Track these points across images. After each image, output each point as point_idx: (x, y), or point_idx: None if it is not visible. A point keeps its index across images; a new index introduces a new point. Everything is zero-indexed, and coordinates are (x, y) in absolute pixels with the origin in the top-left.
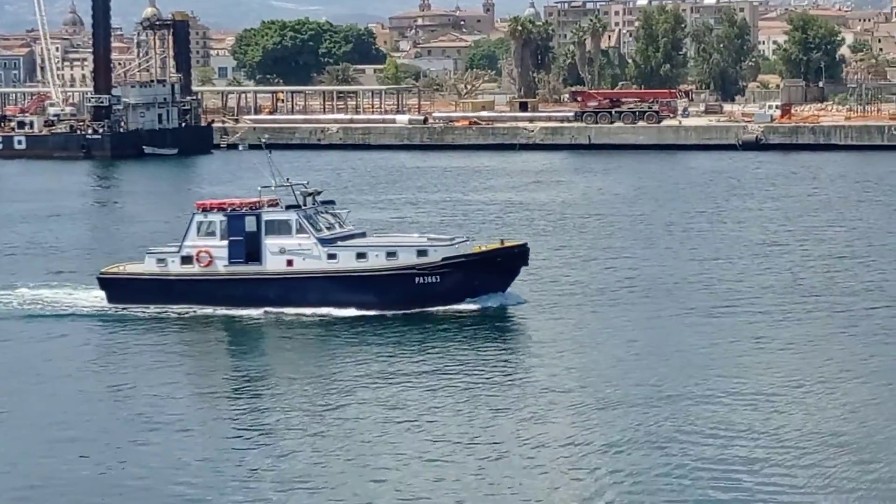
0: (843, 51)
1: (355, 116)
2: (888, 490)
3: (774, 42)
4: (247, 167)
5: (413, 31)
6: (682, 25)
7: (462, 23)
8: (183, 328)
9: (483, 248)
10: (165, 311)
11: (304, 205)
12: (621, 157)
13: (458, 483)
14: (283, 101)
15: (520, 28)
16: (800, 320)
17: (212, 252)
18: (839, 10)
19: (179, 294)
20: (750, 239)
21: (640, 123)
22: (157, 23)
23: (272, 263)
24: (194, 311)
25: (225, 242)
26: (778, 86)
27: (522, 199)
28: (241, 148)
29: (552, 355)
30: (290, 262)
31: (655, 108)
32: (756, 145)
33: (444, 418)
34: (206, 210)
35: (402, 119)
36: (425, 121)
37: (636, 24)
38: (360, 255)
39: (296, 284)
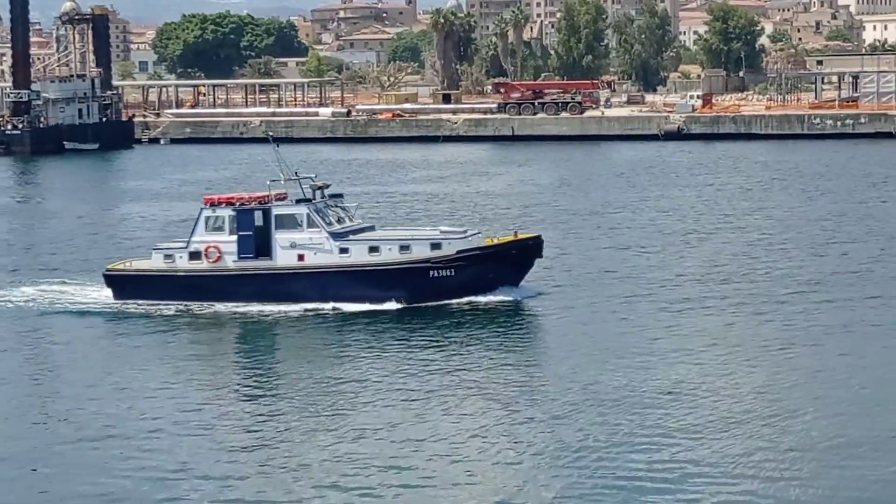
0: (763, 41)
1: (278, 110)
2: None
3: (695, 32)
4: (169, 161)
5: (335, 23)
6: (604, 16)
7: (384, 15)
8: (191, 325)
9: (495, 241)
10: (173, 308)
11: (314, 198)
12: (545, 147)
13: (473, 478)
14: (204, 94)
15: (442, 20)
16: (714, 308)
17: (221, 247)
18: (758, 0)
19: (187, 290)
20: (672, 228)
21: (563, 114)
22: (77, 17)
23: (283, 258)
24: (203, 308)
25: (234, 237)
26: (699, 76)
27: (447, 190)
28: (162, 142)
29: (571, 348)
30: (301, 257)
31: (578, 99)
32: (678, 135)
33: (461, 415)
34: (214, 205)
35: (325, 112)
36: (348, 113)
37: (558, 15)
38: (373, 249)
39: (307, 279)
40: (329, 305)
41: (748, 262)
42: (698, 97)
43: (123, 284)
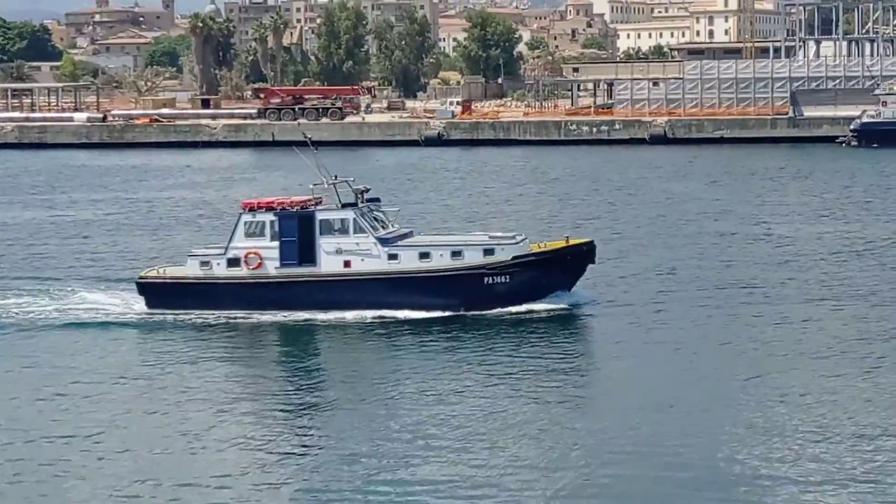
0: (521, 48)
1: (31, 115)
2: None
3: (454, 39)
4: None
5: (91, 27)
6: (364, 22)
7: (141, 19)
8: (230, 335)
9: (545, 247)
10: (210, 318)
11: (357, 203)
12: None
13: (520, 490)
14: None
15: (200, 24)
16: None
17: (262, 253)
18: (516, 8)
19: (226, 299)
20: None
21: (324, 120)
22: None
23: (328, 265)
24: (242, 318)
25: (276, 243)
26: (458, 82)
27: (207, 197)
28: None
29: (635, 357)
30: (347, 264)
31: (339, 104)
32: (438, 141)
33: (519, 430)
34: (253, 209)
35: (80, 117)
36: (104, 119)
37: (318, 20)
38: (424, 255)
39: (354, 287)
40: (377, 314)
41: None
42: (458, 103)
43: (157, 293)
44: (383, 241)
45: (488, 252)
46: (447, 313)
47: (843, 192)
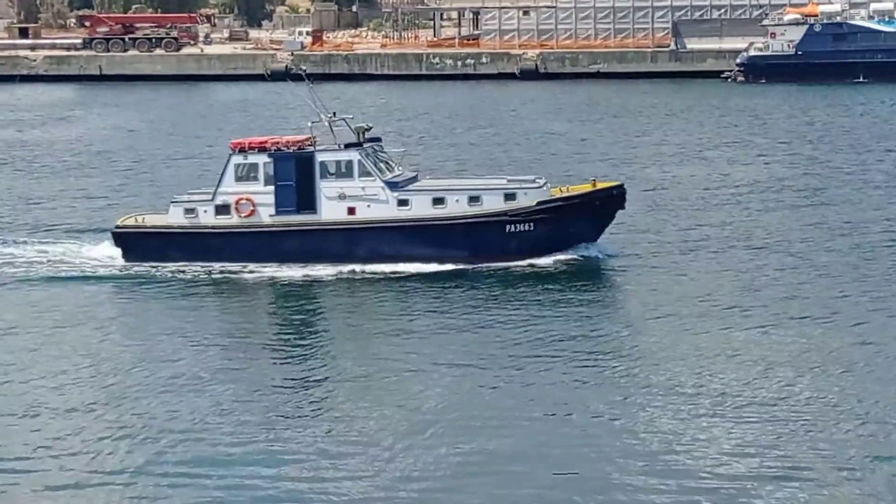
0: None
1: None
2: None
3: None
4: None
5: None
6: None
7: None
8: (219, 292)
9: (566, 192)
10: (196, 272)
11: (360, 142)
12: (137, 88)
13: (541, 455)
14: None
15: None
16: None
17: (254, 199)
18: None
19: (214, 250)
20: None
21: (158, 52)
22: None
23: (330, 212)
24: (233, 271)
25: (270, 188)
26: (308, 10)
27: (25, 137)
28: None
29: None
30: (351, 211)
31: (174, 34)
32: (286, 75)
33: (539, 404)
34: (244, 150)
35: None
36: None
37: None
38: (438, 201)
39: (359, 236)
40: (385, 267)
41: None
42: (308, 34)
43: (136, 243)
44: (392, 186)
45: (510, 197)
46: (463, 266)
47: (724, 131)
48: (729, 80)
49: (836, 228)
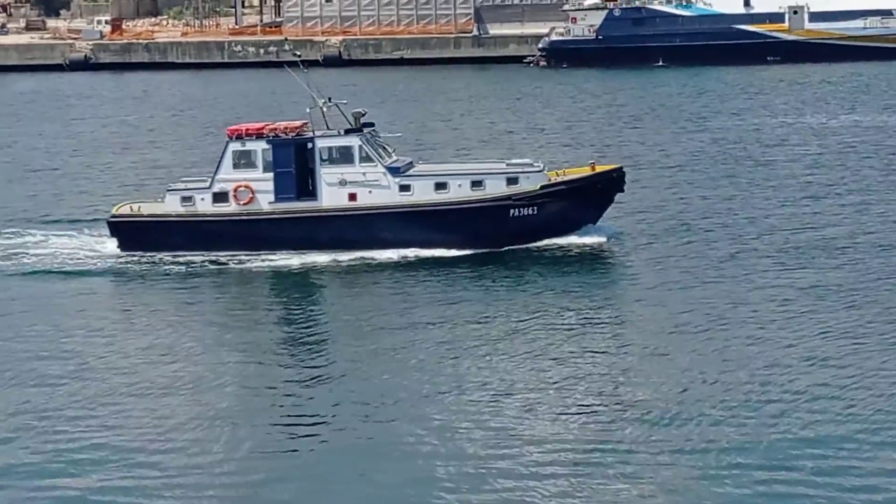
0: None
1: None
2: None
3: None
4: None
5: None
6: None
7: None
8: (218, 281)
9: (566, 176)
10: (194, 261)
11: (358, 128)
12: None
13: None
14: None
15: None
16: None
17: (253, 187)
18: None
19: (212, 238)
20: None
21: None
22: None
23: (330, 198)
24: (232, 260)
25: (269, 175)
26: None
27: None
28: None
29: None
30: (352, 197)
31: None
32: (86, 65)
33: (550, 383)
34: (241, 137)
35: None
36: None
37: None
38: (440, 186)
39: (361, 223)
40: (387, 253)
41: None
42: (107, 22)
43: (132, 233)
44: (393, 171)
45: (512, 181)
46: (466, 251)
47: (525, 116)
48: (531, 65)
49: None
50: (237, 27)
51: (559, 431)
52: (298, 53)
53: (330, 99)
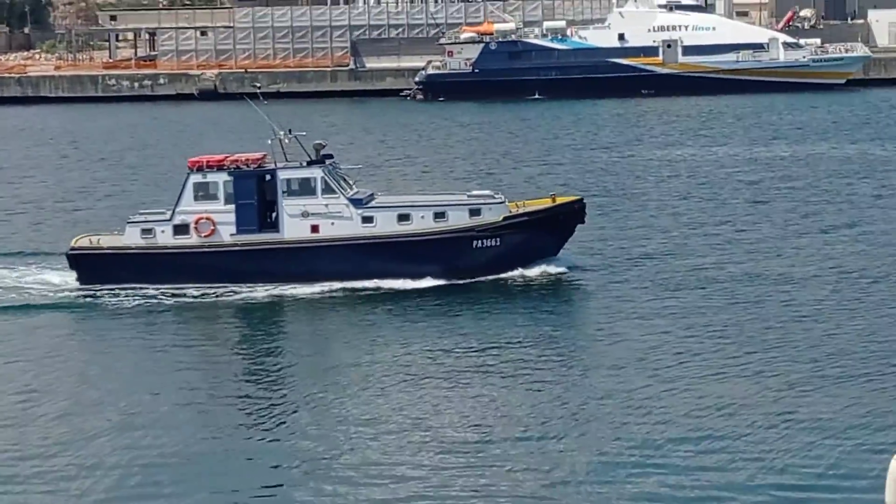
0: None
1: None
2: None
3: None
4: None
5: None
6: None
7: None
8: (179, 315)
9: (523, 208)
10: (154, 295)
11: (320, 160)
12: None
13: (505, 471)
14: None
15: None
16: None
17: (214, 219)
18: None
19: (173, 271)
20: None
21: None
22: None
23: (293, 230)
24: (193, 294)
25: (231, 207)
26: None
27: None
28: None
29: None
30: (315, 229)
31: None
32: None
33: (515, 426)
34: (202, 169)
35: None
36: None
37: None
38: (403, 218)
39: (324, 255)
40: (350, 285)
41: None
42: None
43: (91, 266)
44: (355, 203)
45: (475, 213)
46: (430, 283)
47: (399, 148)
48: (408, 97)
49: None
50: (111, 61)
51: (514, 460)
52: (258, 84)
53: (290, 131)
